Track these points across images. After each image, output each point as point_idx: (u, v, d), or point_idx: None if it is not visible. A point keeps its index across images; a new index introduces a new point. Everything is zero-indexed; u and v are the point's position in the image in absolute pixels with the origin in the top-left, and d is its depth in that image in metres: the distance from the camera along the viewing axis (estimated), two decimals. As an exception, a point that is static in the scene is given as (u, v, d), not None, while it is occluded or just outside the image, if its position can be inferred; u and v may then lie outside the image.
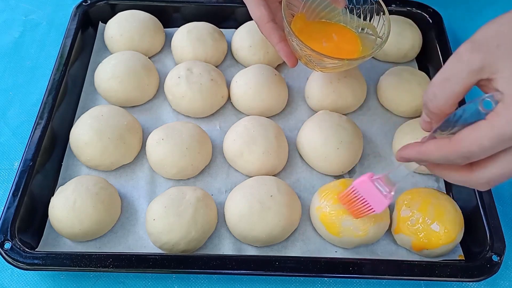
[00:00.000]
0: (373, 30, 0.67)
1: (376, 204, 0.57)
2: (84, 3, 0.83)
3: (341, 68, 0.66)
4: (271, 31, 0.64)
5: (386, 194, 0.56)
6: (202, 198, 0.62)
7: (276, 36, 0.64)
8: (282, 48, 0.64)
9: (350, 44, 0.68)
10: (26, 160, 0.64)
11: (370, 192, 0.57)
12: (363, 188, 0.58)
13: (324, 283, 0.61)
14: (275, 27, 0.64)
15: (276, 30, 0.64)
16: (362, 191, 0.58)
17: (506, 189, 0.71)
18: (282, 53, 0.65)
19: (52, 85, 0.72)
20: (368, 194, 0.57)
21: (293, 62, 0.65)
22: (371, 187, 0.57)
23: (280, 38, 0.64)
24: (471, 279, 0.57)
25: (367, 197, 0.57)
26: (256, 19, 0.64)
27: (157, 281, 0.61)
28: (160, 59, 0.83)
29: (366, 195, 0.57)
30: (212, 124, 0.75)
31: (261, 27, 0.65)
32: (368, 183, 0.57)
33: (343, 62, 0.62)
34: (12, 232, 0.58)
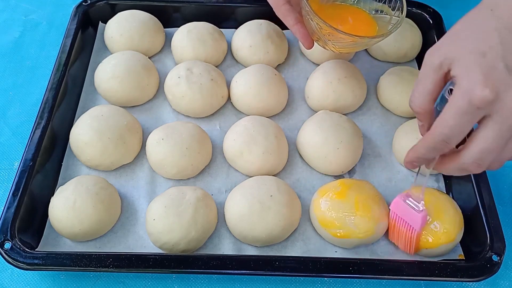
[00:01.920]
0: (387, 10, 0.68)
1: (413, 222, 0.59)
2: (84, 3, 0.83)
3: (360, 47, 0.67)
4: (286, 13, 0.65)
5: (418, 210, 0.59)
6: (202, 198, 0.62)
7: (292, 18, 0.65)
8: (298, 30, 0.65)
9: (366, 25, 0.69)
10: (26, 160, 0.64)
11: (406, 212, 0.59)
12: (399, 209, 0.60)
13: (324, 283, 0.61)
14: (291, 9, 0.65)
15: (292, 12, 0.65)
16: (399, 212, 0.60)
17: (506, 189, 0.71)
18: (298, 34, 0.65)
19: (52, 85, 0.72)
20: (405, 214, 0.60)
21: (309, 44, 0.66)
22: (404, 206, 0.59)
23: (296, 20, 0.65)
24: (471, 279, 0.57)
25: (405, 217, 0.59)
26: (272, 2, 0.65)
27: (157, 281, 0.61)
28: (160, 59, 0.83)
29: (404, 216, 0.60)
30: (212, 124, 0.75)
31: (277, 9, 0.65)
32: (401, 203, 0.60)
33: (364, 39, 0.62)
34: (12, 232, 0.58)
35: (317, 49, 0.81)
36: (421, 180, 0.58)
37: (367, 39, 0.63)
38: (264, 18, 0.83)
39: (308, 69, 0.83)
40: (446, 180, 0.71)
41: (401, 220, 0.60)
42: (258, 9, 0.85)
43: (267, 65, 0.77)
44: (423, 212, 0.59)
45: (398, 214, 0.60)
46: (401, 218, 0.60)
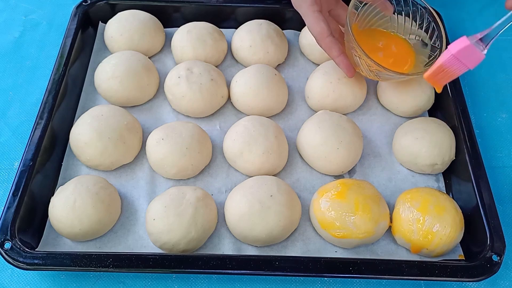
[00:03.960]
0: (423, 36, 0.70)
1: (471, 62, 0.59)
2: (84, 3, 0.83)
3: (402, 80, 0.69)
4: (331, 45, 0.67)
5: (482, 50, 0.58)
6: (202, 198, 0.62)
7: (336, 50, 0.67)
8: (342, 61, 0.68)
9: (404, 52, 0.71)
10: (26, 160, 0.64)
11: (467, 54, 0.59)
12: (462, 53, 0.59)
13: (324, 283, 0.61)
14: (335, 41, 0.67)
15: (336, 44, 0.67)
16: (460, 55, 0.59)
17: (506, 189, 0.71)
18: (342, 65, 0.68)
19: (52, 85, 0.72)
20: (464, 56, 0.59)
21: (352, 74, 0.69)
22: (470, 49, 0.58)
23: (340, 51, 0.67)
24: (471, 279, 0.57)
25: (462, 59, 0.59)
26: (316, 34, 0.67)
27: (157, 281, 0.61)
28: (160, 59, 0.83)
29: (462, 57, 0.59)
30: (212, 124, 0.75)
31: (321, 41, 0.67)
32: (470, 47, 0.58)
33: (408, 76, 0.65)
34: (12, 232, 0.58)
35: (317, 49, 0.81)
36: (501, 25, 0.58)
37: (413, 76, 0.65)
38: (264, 18, 0.83)
39: (308, 69, 0.83)
40: (446, 180, 0.71)
41: (456, 61, 0.59)
42: (258, 9, 0.85)
43: (267, 65, 0.77)
44: (484, 55, 0.58)
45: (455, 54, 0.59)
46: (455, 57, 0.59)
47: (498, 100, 0.81)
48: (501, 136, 0.77)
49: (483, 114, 0.79)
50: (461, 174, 0.68)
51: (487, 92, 0.82)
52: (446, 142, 0.69)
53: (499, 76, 0.85)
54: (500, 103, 0.81)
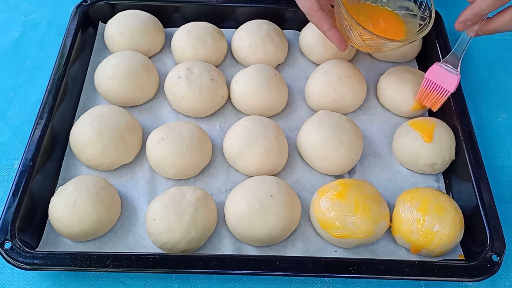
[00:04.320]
0: (413, 7, 0.70)
1: (448, 84, 0.68)
2: (84, 3, 0.83)
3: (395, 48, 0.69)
4: (321, 19, 0.67)
5: (454, 72, 0.68)
6: (202, 198, 0.62)
7: (327, 23, 0.67)
8: (334, 34, 0.68)
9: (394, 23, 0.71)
10: (26, 160, 0.64)
11: (441, 76, 0.68)
12: (434, 75, 0.69)
13: (324, 283, 0.61)
14: (325, 15, 0.67)
15: (326, 18, 0.67)
16: (434, 78, 0.69)
17: (506, 189, 0.71)
18: (334, 39, 0.68)
19: (52, 85, 0.72)
20: (439, 79, 0.68)
21: (344, 47, 0.69)
22: (440, 71, 0.68)
23: (331, 25, 0.68)
24: (471, 279, 0.57)
25: (439, 82, 0.68)
26: (306, 9, 0.67)
27: (157, 281, 0.61)
28: (160, 59, 0.83)
29: (438, 80, 0.68)
30: (212, 124, 0.75)
31: (311, 16, 0.68)
32: (438, 68, 0.68)
33: (400, 43, 0.66)
34: (12, 232, 0.58)
35: (317, 49, 0.81)
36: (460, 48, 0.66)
37: (405, 42, 0.66)
38: (264, 18, 0.83)
39: (308, 69, 0.83)
40: (446, 180, 0.71)
41: (434, 84, 0.69)
42: (258, 9, 0.85)
43: (267, 65, 0.77)
44: (459, 75, 0.67)
45: (433, 80, 0.69)
46: (434, 82, 0.69)
47: (498, 100, 0.81)
48: (501, 136, 0.77)
49: (483, 114, 0.79)
50: (461, 174, 0.68)
51: (487, 92, 0.82)
52: (446, 142, 0.69)
53: (499, 76, 0.85)
54: (500, 103, 0.81)
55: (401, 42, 0.65)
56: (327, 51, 0.80)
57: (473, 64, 0.86)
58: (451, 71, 0.68)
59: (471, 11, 0.59)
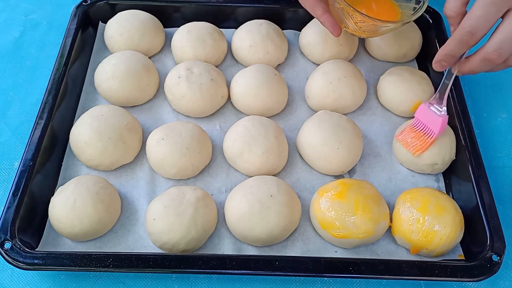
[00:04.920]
0: None
1: (434, 126, 0.66)
2: (84, 3, 0.83)
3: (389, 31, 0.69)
4: (314, 3, 0.68)
5: (439, 114, 0.67)
6: (202, 198, 0.62)
7: (320, 8, 0.68)
8: (327, 19, 0.69)
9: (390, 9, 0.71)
10: (26, 160, 0.64)
11: (428, 117, 0.67)
12: (423, 115, 0.68)
13: (324, 283, 0.61)
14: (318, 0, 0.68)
15: (320, 2, 0.68)
16: (423, 118, 0.68)
17: (506, 189, 0.71)
18: (327, 23, 0.69)
19: (52, 85, 0.72)
20: (427, 120, 0.67)
21: (338, 32, 0.70)
22: (428, 112, 0.67)
23: (324, 10, 0.68)
24: (471, 279, 0.57)
25: (427, 123, 0.67)
26: None
27: (157, 281, 0.61)
28: (160, 59, 0.83)
29: (426, 121, 0.67)
30: (212, 124, 0.75)
31: (305, 1, 0.69)
32: (426, 109, 0.67)
33: (396, 24, 0.65)
34: (12, 232, 0.58)
35: (317, 49, 0.81)
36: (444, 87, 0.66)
37: (398, 24, 0.65)
38: (264, 18, 0.83)
39: (308, 69, 0.83)
40: (446, 180, 0.71)
41: (422, 125, 0.68)
42: (258, 9, 0.85)
43: (267, 65, 0.77)
44: (444, 117, 0.66)
45: (422, 120, 0.68)
46: (422, 123, 0.68)
47: (498, 100, 0.81)
48: (501, 136, 0.77)
49: (483, 114, 0.79)
50: (461, 174, 0.68)
51: (487, 92, 0.82)
52: (446, 141, 0.69)
53: (499, 76, 0.84)
54: (500, 103, 0.81)
55: (394, 23, 0.65)
56: (327, 51, 0.80)
57: (473, 64, 0.86)
58: (437, 113, 0.67)
59: (442, 51, 0.60)
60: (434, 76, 0.79)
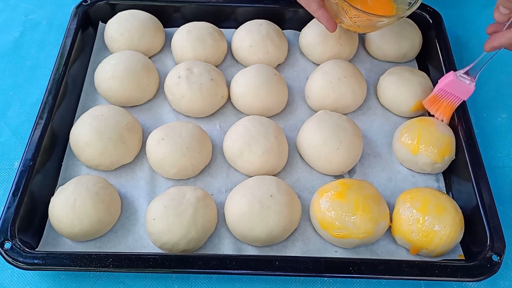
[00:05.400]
0: None
1: (462, 93, 0.68)
2: (84, 3, 0.83)
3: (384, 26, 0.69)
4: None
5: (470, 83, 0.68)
6: (202, 198, 0.62)
7: (315, 4, 0.69)
8: (322, 14, 0.69)
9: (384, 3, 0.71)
10: (26, 160, 0.64)
11: (456, 87, 0.68)
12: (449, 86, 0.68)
13: (324, 283, 0.61)
14: None
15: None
16: (449, 88, 0.69)
17: (506, 189, 0.71)
18: (323, 19, 0.69)
19: (52, 85, 0.72)
20: (454, 89, 0.68)
21: (333, 27, 0.70)
22: (456, 82, 0.68)
23: (319, 5, 0.69)
24: (471, 279, 0.57)
25: (454, 91, 0.68)
26: None
27: (157, 281, 0.61)
28: (160, 59, 0.83)
29: (453, 90, 0.68)
30: (212, 124, 0.75)
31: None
32: (454, 80, 0.68)
33: (391, 18, 0.65)
34: (12, 232, 0.58)
35: (317, 49, 0.81)
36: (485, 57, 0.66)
37: (393, 18, 0.66)
38: (264, 18, 0.83)
39: (308, 69, 0.83)
40: (446, 180, 0.71)
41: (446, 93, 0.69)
42: (258, 9, 0.85)
43: (267, 65, 0.77)
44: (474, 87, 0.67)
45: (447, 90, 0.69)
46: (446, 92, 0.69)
47: (498, 100, 0.81)
48: (501, 136, 0.77)
49: (483, 114, 0.79)
50: (461, 174, 0.68)
51: (487, 92, 0.82)
52: (446, 141, 0.68)
53: (499, 76, 0.85)
54: (500, 103, 0.81)
55: (389, 18, 0.65)
56: (327, 51, 0.80)
57: (473, 64, 0.86)
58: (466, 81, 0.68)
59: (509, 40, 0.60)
60: (434, 76, 0.79)
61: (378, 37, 0.82)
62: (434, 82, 0.77)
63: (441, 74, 0.77)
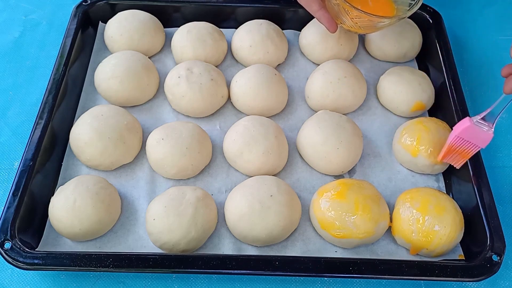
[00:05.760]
0: None
1: (480, 141, 0.63)
2: (84, 3, 0.83)
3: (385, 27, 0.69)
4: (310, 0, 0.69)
5: (488, 130, 0.62)
6: (202, 198, 0.62)
7: (315, 4, 0.69)
8: (323, 15, 0.69)
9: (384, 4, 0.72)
10: (26, 160, 0.64)
11: (473, 134, 0.63)
12: (466, 133, 0.63)
13: (324, 283, 0.61)
14: None
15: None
16: (465, 135, 0.63)
17: (506, 189, 0.71)
18: (323, 19, 0.69)
19: (52, 85, 0.72)
20: (471, 136, 0.63)
21: (334, 28, 0.70)
22: (473, 129, 0.63)
23: (320, 6, 0.69)
24: (471, 279, 0.57)
25: (470, 139, 0.63)
26: None
27: (157, 281, 0.61)
28: (160, 59, 0.83)
29: (469, 137, 0.63)
30: (212, 124, 0.75)
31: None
32: (471, 127, 0.62)
33: (392, 19, 0.65)
34: (12, 232, 0.58)
35: (317, 49, 0.81)
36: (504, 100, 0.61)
37: (394, 19, 0.66)
38: (264, 18, 0.83)
39: (308, 69, 0.83)
40: (446, 180, 0.71)
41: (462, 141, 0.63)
42: (258, 9, 0.85)
43: (267, 65, 0.77)
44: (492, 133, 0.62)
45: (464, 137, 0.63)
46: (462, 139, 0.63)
47: (498, 100, 0.81)
48: (501, 136, 0.77)
49: (483, 114, 0.79)
50: (461, 174, 0.68)
51: (487, 92, 0.82)
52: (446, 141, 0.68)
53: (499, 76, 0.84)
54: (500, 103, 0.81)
55: (390, 19, 0.65)
56: (327, 51, 0.80)
57: (473, 64, 0.86)
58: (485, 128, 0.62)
59: None
60: (434, 76, 0.79)
61: (378, 37, 0.82)
62: (434, 82, 0.77)
63: (441, 74, 0.77)
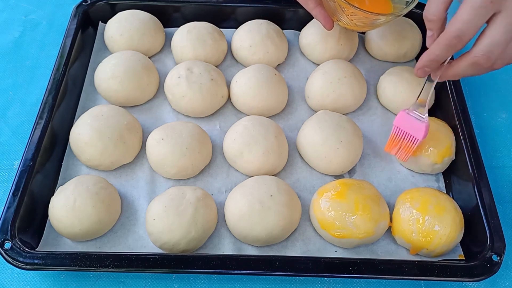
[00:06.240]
0: None
1: (416, 132, 0.64)
2: (84, 3, 0.83)
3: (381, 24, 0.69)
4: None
5: (421, 119, 0.64)
6: (202, 198, 0.62)
7: (312, 2, 0.69)
8: (319, 12, 0.69)
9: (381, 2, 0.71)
10: (26, 160, 0.64)
11: (409, 124, 0.65)
12: (402, 123, 0.65)
13: (324, 283, 0.61)
14: None
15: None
16: (402, 126, 0.65)
17: (506, 189, 0.71)
18: (320, 16, 0.70)
19: (52, 85, 0.72)
20: (408, 126, 0.65)
21: (330, 25, 0.70)
22: (408, 118, 0.65)
23: (316, 3, 0.69)
24: (471, 279, 0.57)
25: (408, 130, 0.65)
26: None
27: (157, 281, 0.61)
28: (160, 59, 0.83)
29: (407, 128, 0.65)
30: (212, 124, 0.75)
31: None
32: (405, 116, 0.65)
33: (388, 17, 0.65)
34: (12, 232, 0.58)
35: (317, 49, 0.81)
36: (425, 93, 0.63)
37: (390, 16, 0.66)
38: (264, 18, 0.83)
39: (308, 69, 0.83)
40: (446, 180, 0.71)
41: (403, 132, 0.65)
42: (258, 9, 0.85)
43: (267, 65, 0.77)
44: (427, 122, 0.63)
45: (401, 128, 0.65)
46: (403, 130, 0.65)
47: (498, 100, 0.81)
48: (501, 136, 0.77)
49: (483, 114, 0.79)
50: (461, 174, 0.68)
51: (487, 92, 0.82)
52: (446, 141, 0.68)
53: (499, 76, 0.85)
54: (500, 103, 0.81)
55: (386, 16, 0.66)
56: (327, 51, 0.80)
57: (473, 64, 0.86)
58: (419, 119, 0.64)
59: (427, 57, 0.57)
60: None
61: (378, 37, 0.82)
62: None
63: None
